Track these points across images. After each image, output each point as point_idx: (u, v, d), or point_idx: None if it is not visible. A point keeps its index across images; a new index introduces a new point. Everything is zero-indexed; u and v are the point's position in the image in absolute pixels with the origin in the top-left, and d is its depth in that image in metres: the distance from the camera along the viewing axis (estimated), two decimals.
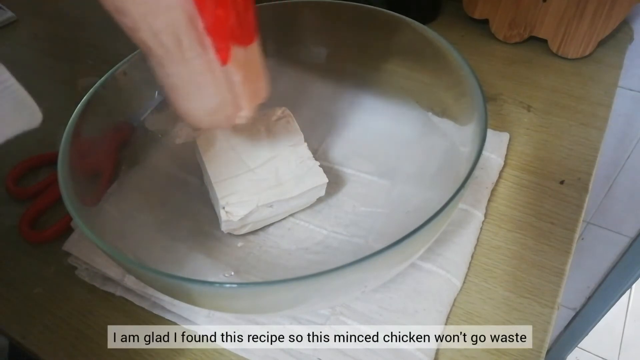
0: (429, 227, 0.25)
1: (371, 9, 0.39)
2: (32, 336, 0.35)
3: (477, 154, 0.28)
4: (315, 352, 0.31)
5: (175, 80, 0.28)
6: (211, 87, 0.28)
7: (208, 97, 0.28)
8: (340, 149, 0.42)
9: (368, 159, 0.41)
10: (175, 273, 0.24)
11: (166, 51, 0.25)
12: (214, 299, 0.27)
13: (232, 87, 0.28)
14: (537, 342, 0.32)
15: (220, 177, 0.36)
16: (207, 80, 0.27)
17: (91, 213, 0.30)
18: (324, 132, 0.43)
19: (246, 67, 0.28)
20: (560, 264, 0.35)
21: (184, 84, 0.28)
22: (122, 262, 0.25)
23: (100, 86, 0.34)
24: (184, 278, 0.24)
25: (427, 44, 0.36)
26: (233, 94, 0.29)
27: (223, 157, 0.37)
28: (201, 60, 0.26)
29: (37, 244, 0.40)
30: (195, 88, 0.28)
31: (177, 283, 0.24)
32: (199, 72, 0.27)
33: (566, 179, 0.40)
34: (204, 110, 0.29)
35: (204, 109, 0.29)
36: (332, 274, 0.23)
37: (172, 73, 0.27)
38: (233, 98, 0.29)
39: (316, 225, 0.37)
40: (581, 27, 0.49)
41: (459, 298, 0.34)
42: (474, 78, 0.32)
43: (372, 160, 0.41)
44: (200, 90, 0.28)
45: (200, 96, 0.29)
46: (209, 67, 0.27)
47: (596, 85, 0.48)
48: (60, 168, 0.29)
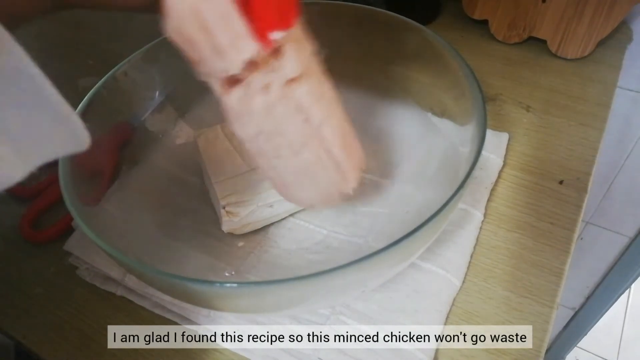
0: (428, 227, 0.25)
1: (371, 10, 0.39)
2: (32, 336, 0.35)
3: (477, 154, 0.28)
4: (315, 351, 0.31)
5: (284, 172, 0.29)
6: (321, 174, 0.29)
7: (320, 184, 0.29)
8: None
9: (368, 159, 0.41)
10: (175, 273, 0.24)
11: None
12: (214, 299, 0.27)
13: (338, 167, 0.29)
14: (537, 342, 0.32)
15: (220, 177, 0.36)
16: (316, 169, 0.28)
17: (92, 213, 0.30)
18: None
19: (345, 143, 0.29)
20: (560, 263, 0.35)
21: (295, 176, 0.29)
22: (123, 261, 0.25)
23: (101, 86, 0.34)
24: (185, 277, 0.24)
25: (427, 44, 0.36)
26: (340, 173, 0.29)
27: (223, 157, 0.37)
28: (310, 150, 0.27)
29: (38, 243, 0.40)
30: (306, 179, 0.29)
31: (177, 282, 0.24)
32: (310, 163, 0.28)
33: (565, 179, 0.40)
34: (318, 195, 0.30)
35: (317, 194, 0.30)
36: (332, 273, 0.23)
37: (280, 165, 0.28)
38: (341, 177, 0.29)
39: (316, 225, 0.37)
40: (580, 28, 0.49)
41: (459, 298, 0.34)
42: (474, 78, 0.32)
43: (372, 160, 0.41)
44: (311, 180, 0.29)
45: (313, 185, 0.29)
46: (317, 156, 0.27)
47: (595, 86, 0.48)
48: (61, 168, 0.29)
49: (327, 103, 0.27)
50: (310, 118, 0.26)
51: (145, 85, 0.39)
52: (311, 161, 0.28)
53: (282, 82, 0.24)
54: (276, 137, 0.26)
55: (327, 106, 0.27)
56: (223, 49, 0.21)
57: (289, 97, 0.25)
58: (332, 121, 0.27)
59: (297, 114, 0.25)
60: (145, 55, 0.37)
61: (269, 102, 0.24)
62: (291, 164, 0.28)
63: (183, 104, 0.43)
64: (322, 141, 0.27)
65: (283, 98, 0.24)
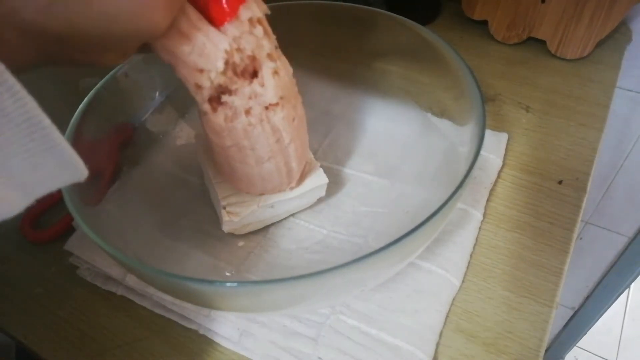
0: (427, 227, 0.25)
1: (371, 11, 0.39)
2: (33, 336, 0.35)
3: (476, 154, 0.28)
4: (315, 351, 0.31)
5: (241, 174, 0.32)
6: (274, 178, 0.32)
7: (270, 183, 0.33)
8: (340, 149, 0.42)
9: (368, 159, 0.41)
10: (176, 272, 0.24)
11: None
12: (214, 298, 0.27)
13: (290, 173, 0.33)
14: (536, 341, 0.32)
15: (221, 177, 0.36)
16: (272, 176, 0.32)
17: (92, 213, 0.30)
18: (324, 133, 0.44)
19: (302, 154, 0.33)
20: (559, 263, 0.35)
21: (250, 177, 0.32)
22: (124, 261, 0.25)
23: (102, 87, 0.34)
24: (185, 277, 0.24)
25: (426, 45, 0.36)
26: (291, 177, 0.33)
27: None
28: (273, 162, 0.31)
29: (39, 243, 0.40)
30: (259, 180, 0.32)
31: (177, 282, 0.24)
32: (269, 171, 0.31)
33: (565, 179, 0.40)
34: (264, 190, 0.34)
35: (264, 189, 0.34)
36: (332, 272, 0.23)
37: (240, 169, 0.31)
38: (290, 179, 0.33)
39: (316, 225, 0.38)
40: (579, 28, 0.49)
41: (458, 297, 0.34)
42: (473, 79, 0.32)
43: (372, 160, 0.41)
44: (263, 180, 0.32)
45: (263, 183, 0.33)
46: (277, 167, 0.31)
47: (595, 86, 0.48)
48: None
49: (297, 123, 0.30)
50: (282, 138, 0.30)
51: (146, 85, 0.39)
52: (271, 170, 0.31)
53: (262, 108, 0.27)
54: (247, 150, 0.29)
55: (297, 126, 0.30)
56: (201, 48, 0.24)
57: (266, 121, 0.28)
58: (297, 139, 0.31)
59: (271, 134, 0.29)
60: (146, 55, 0.37)
61: (249, 123, 0.28)
62: (252, 170, 0.31)
63: (183, 104, 0.43)
64: (286, 156, 0.31)
65: (262, 121, 0.28)
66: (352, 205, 0.38)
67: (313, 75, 0.45)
